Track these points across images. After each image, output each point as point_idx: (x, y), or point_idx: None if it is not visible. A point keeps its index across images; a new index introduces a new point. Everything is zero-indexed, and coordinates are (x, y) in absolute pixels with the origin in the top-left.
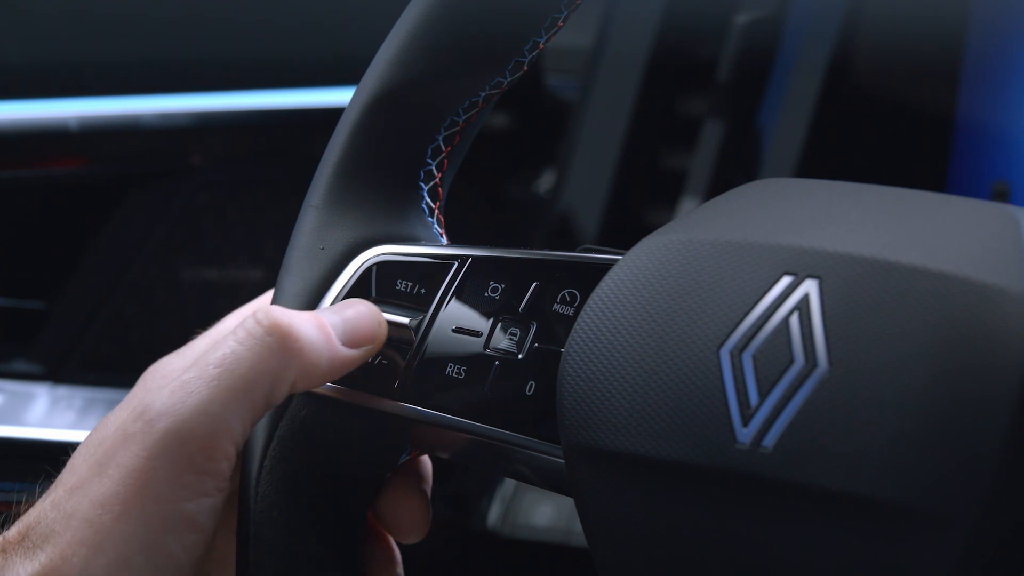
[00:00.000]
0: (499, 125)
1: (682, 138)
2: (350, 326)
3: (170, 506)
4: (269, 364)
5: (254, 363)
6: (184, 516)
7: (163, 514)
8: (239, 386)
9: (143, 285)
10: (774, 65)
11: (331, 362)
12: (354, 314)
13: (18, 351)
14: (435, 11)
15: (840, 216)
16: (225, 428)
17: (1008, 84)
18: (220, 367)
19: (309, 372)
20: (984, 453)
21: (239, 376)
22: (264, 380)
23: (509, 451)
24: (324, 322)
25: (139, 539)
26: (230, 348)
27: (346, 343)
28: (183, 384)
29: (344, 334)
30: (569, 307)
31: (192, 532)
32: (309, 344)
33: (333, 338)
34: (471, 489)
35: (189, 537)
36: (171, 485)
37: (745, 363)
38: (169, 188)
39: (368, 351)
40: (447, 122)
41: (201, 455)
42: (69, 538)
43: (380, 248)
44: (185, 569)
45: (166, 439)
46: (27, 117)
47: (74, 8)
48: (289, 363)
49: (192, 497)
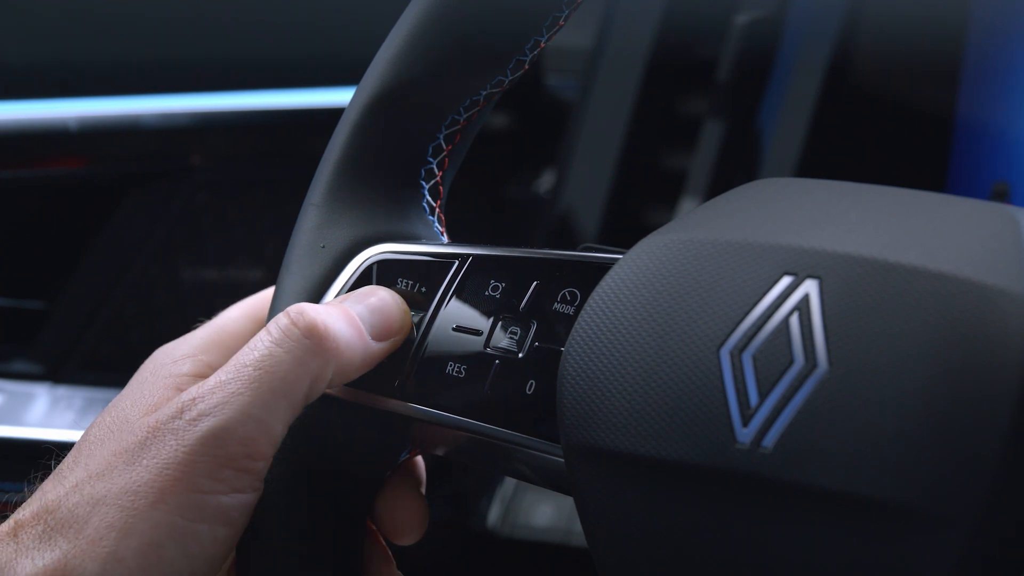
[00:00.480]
0: (499, 125)
1: (682, 138)
2: (377, 318)
3: (206, 497)
4: (308, 366)
5: (293, 365)
6: (219, 509)
7: (198, 505)
8: (279, 388)
9: (143, 285)
10: (774, 65)
11: (364, 358)
12: (380, 304)
13: (18, 351)
14: (435, 11)
15: (840, 216)
16: (266, 429)
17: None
18: (260, 369)
19: (345, 370)
20: (984, 453)
21: (279, 379)
22: (304, 381)
23: (509, 450)
24: (355, 317)
25: (172, 527)
26: (267, 350)
27: (376, 337)
28: (222, 385)
29: (373, 327)
30: (569, 306)
31: (224, 526)
32: (345, 343)
33: (365, 334)
34: (471, 489)
35: (221, 530)
36: (209, 479)
37: (745, 363)
38: (169, 188)
39: (397, 342)
40: (448, 121)
41: (242, 454)
42: (97, 523)
43: (381, 246)
44: (214, 562)
45: (207, 438)
46: (27, 117)
47: (74, 8)
48: (327, 363)
49: (228, 491)
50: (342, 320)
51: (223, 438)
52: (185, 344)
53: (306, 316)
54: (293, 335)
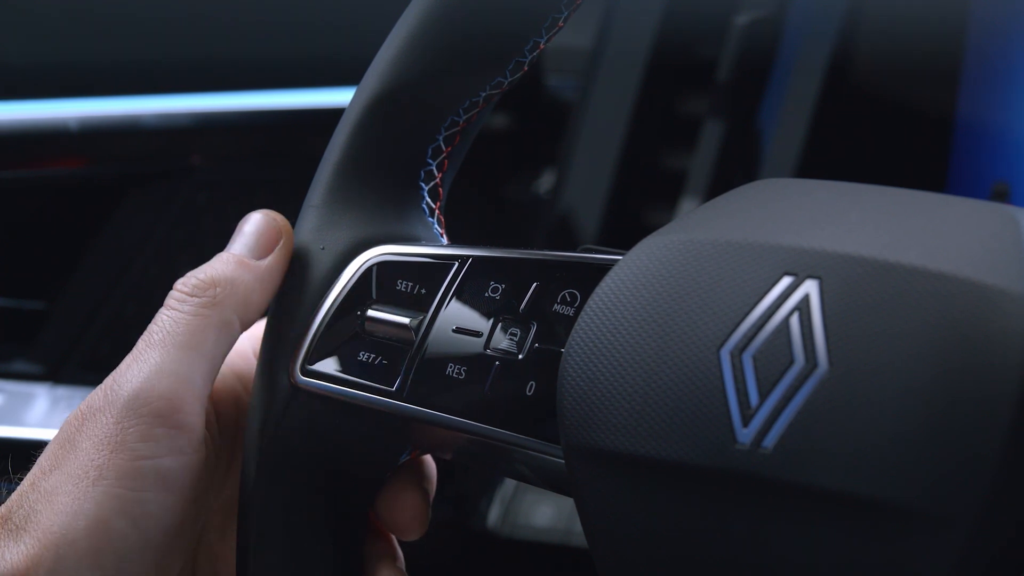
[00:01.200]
0: (499, 125)
1: (682, 138)
2: (253, 239)
3: (146, 463)
4: (208, 317)
5: (191, 319)
6: (159, 474)
7: (139, 472)
8: (187, 343)
9: (143, 285)
10: (774, 65)
11: (258, 282)
12: (251, 227)
13: (18, 351)
14: (435, 11)
15: (840, 216)
16: (184, 382)
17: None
18: (164, 332)
19: (246, 305)
20: (984, 453)
21: (186, 334)
22: (207, 331)
23: (509, 451)
24: (232, 254)
25: (117, 500)
26: (167, 315)
27: (260, 256)
28: (135, 355)
29: (253, 249)
30: (569, 307)
31: (170, 493)
32: (231, 281)
33: (248, 260)
34: (471, 489)
35: (167, 498)
36: (144, 442)
37: (745, 363)
38: (169, 188)
39: (285, 250)
40: (447, 122)
41: (167, 408)
42: (49, 512)
43: (380, 248)
44: (167, 529)
45: (130, 403)
46: (27, 117)
47: (74, 8)
48: (224, 307)
49: (166, 453)
50: (221, 263)
51: (145, 397)
52: None
53: (190, 278)
54: (182, 296)
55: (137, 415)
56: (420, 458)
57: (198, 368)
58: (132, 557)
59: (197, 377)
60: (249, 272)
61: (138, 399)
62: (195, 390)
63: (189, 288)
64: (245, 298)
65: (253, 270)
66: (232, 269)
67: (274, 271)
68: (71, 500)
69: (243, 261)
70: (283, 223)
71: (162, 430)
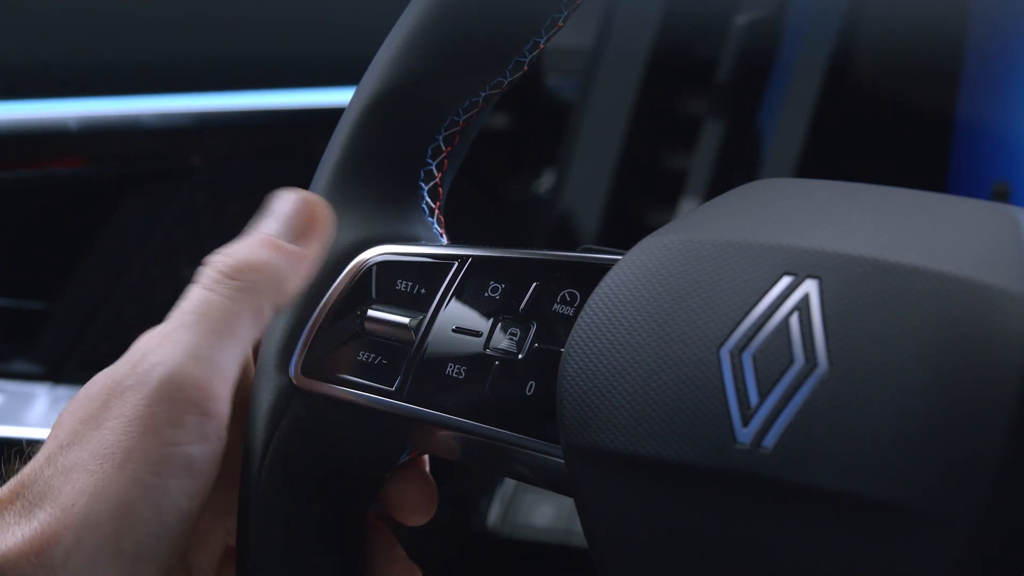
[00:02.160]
0: (499, 125)
1: (682, 138)
2: (291, 223)
3: (172, 450)
4: (243, 302)
5: (226, 302)
6: (185, 461)
7: (165, 458)
8: (221, 327)
9: (143, 285)
10: (774, 65)
11: (295, 270)
12: (288, 209)
13: (18, 351)
14: (435, 11)
15: (840, 216)
16: (217, 368)
17: (1008, 84)
18: (197, 313)
19: (279, 291)
20: (984, 453)
21: (220, 318)
22: (242, 316)
23: (509, 451)
24: (269, 237)
25: (141, 485)
26: (200, 295)
27: (297, 241)
28: (167, 335)
29: (290, 234)
30: (569, 307)
31: (192, 478)
32: (268, 267)
33: (285, 245)
34: (471, 489)
35: (189, 483)
36: (173, 428)
37: (745, 363)
38: (169, 188)
39: (324, 237)
40: (447, 122)
41: (199, 395)
42: (69, 490)
43: (380, 248)
44: (186, 517)
45: (163, 386)
46: (27, 117)
47: (74, 8)
48: (258, 293)
49: (194, 440)
50: (258, 246)
51: (179, 382)
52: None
53: (223, 255)
54: (219, 279)
55: (169, 400)
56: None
57: (230, 354)
58: (150, 542)
59: (229, 364)
60: (285, 257)
61: (171, 383)
62: (226, 377)
63: (226, 268)
64: (279, 285)
65: (289, 255)
66: (268, 253)
67: (311, 259)
68: (94, 481)
69: (279, 245)
70: (322, 208)
71: (192, 417)
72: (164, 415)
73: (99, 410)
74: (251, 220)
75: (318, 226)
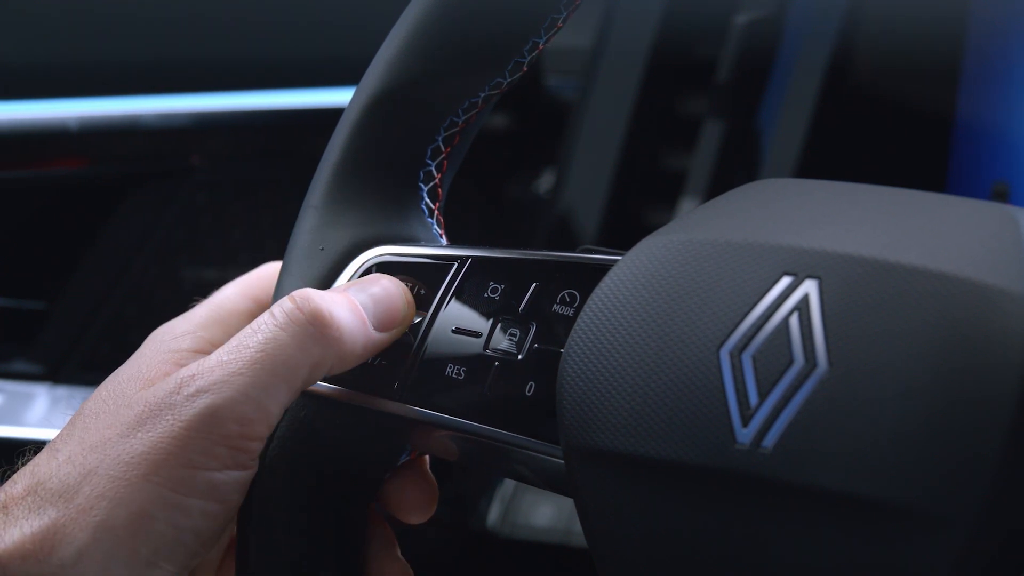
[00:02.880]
0: (499, 125)
1: (682, 138)
2: (381, 308)
3: (199, 473)
4: (310, 352)
5: (295, 350)
6: (210, 484)
7: (190, 480)
8: (280, 371)
9: (143, 285)
10: (774, 65)
11: (365, 348)
12: (383, 293)
13: (18, 351)
14: (435, 11)
15: (840, 216)
16: (264, 411)
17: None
18: (262, 351)
19: (345, 358)
20: (984, 453)
21: (281, 363)
22: (304, 367)
23: (509, 451)
24: (358, 306)
25: (163, 499)
26: (271, 332)
27: (378, 327)
28: (223, 364)
29: (375, 316)
30: (569, 307)
31: (215, 501)
32: (348, 331)
33: (368, 323)
34: (471, 489)
35: (212, 506)
36: (203, 456)
37: (745, 363)
38: (169, 188)
39: (399, 332)
40: (447, 123)
41: (238, 434)
42: (88, 492)
43: (380, 248)
44: (204, 536)
45: (204, 415)
46: (27, 117)
47: (74, 8)
48: (328, 350)
49: (221, 468)
50: (345, 308)
51: (220, 416)
52: (185, 321)
53: (311, 302)
54: (297, 320)
55: (207, 431)
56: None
57: (279, 399)
58: (165, 553)
59: (275, 408)
60: (362, 336)
61: (214, 417)
62: (269, 419)
63: (308, 314)
64: (346, 355)
65: (367, 336)
66: (351, 322)
67: (379, 348)
68: (116, 487)
69: (363, 319)
70: (411, 307)
71: (225, 449)
72: (198, 443)
73: (133, 420)
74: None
75: (401, 321)
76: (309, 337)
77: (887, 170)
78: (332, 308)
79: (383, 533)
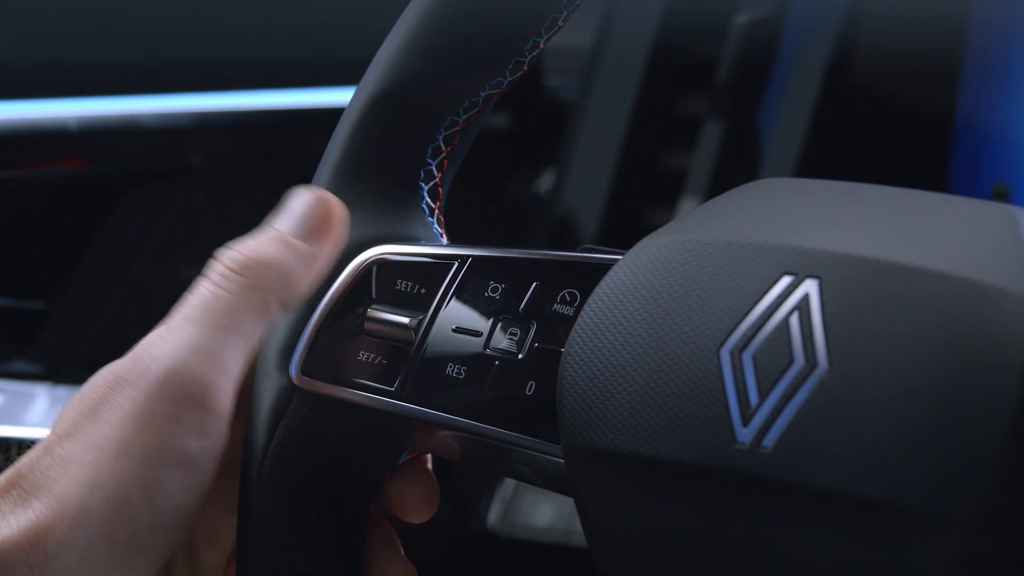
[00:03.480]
0: (499, 125)
1: (682, 138)
2: (304, 222)
3: (170, 443)
4: (249, 298)
5: (233, 300)
6: (182, 454)
7: (162, 451)
8: (226, 323)
9: (143, 285)
10: (774, 65)
11: (306, 268)
12: (302, 207)
13: (18, 351)
14: (435, 11)
15: (840, 216)
16: (219, 364)
17: (1008, 84)
18: (202, 310)
19: (290, 286)
20: (984, 453)
21: (223, 314)
22: (248, 312)
23: (509, 451)
24: (281, 235)
25: (137, 477)
26: (208, 291)
27: (311, 240)
28: (171, 329)
29: (303, 231)
30: (569, 307)
31: (189, 472)
32: (277, 262)
33: (297, 244)
34: (471, 489)
35: (186, 477)
36: (171, 423)
37: (745, 363)
38: (169, 188)
39: (337, 237)
40: (447, 122)
41: (199, 391)
42: (65, 481)
43: (380, 248)
44: (182, 510)
45: (163, 380)
46: (27, 117)
47: (74, 8)
48: (266, 290)
49: (192, 435)
50: (268, 242)
51: (178, 377)
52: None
53: (236, 254)
54: (227, 273)
55: (168, 395)
56: None
57: (233, 350)
58: (144, 534)
59: (232, 360)
60: (296, 256)
61: (171, 378)
62: (228, 374)
63: (235, 265)
64: (288, 283)
65: (300, 254)
66: (279, 250)
67: (322, 259)
68: (90, 472)
69: (290, 242)
70: (336, 206)
71: (191, 412)
72: (162, 409)
73: (98, 403)
74: (253, 219)
75: (331, 225)
76: (243, 286)
77: (887, 170)
78: (256, 250)
79: (384, 533)
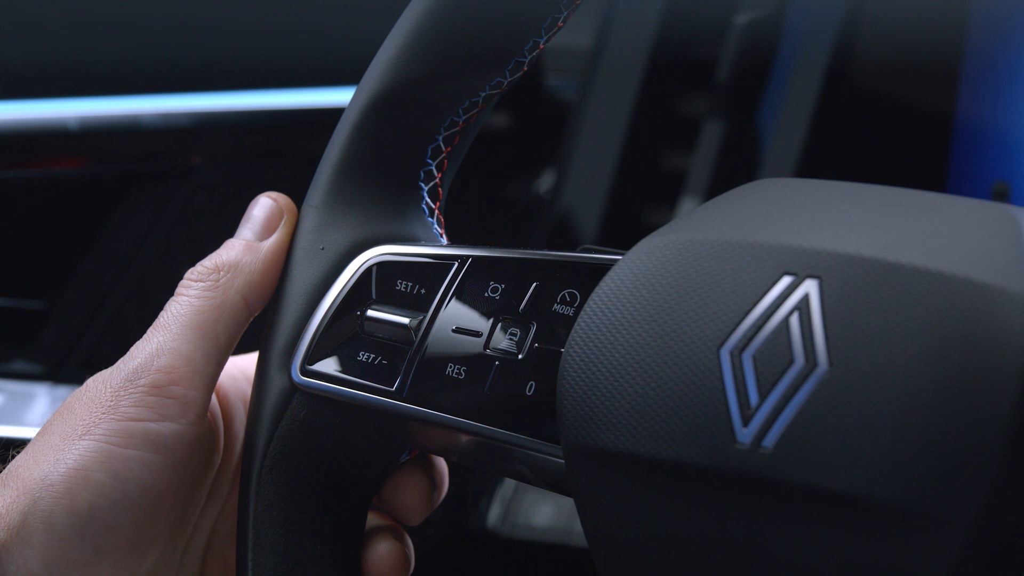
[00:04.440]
0: (499, 125)
1: (682, 138)
2: (260, 222)
3: (134, 424)
4: (212, 299)
5: (197, 302)
6: (147, 434)
7: (126, 431)
8: (189, 323)
9: (143, 285)
10: (774, 65)
11: (264, 263)
12: (258, 211)
13: (18, 351)
14: (435, 11)
15: (840, 216)
16: (183, 358)
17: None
18: (168, 315)
19: (251, 285)
20: (984, 453)
21: (188, 316)
22: (212, 312)
23: (509, 451)
24: (237, 239)
25: (100, 452)
26: (175, 301)
27: (262, 236)
28: (144, 339)
29: (259, 232)
30: (569, 307)
31: (155, 452)
32: (236, 264)
33: (253, 243)
34: (471, 489)
35: (153, 457)
36: (136, 406)
37: (745, 363)
38: (169, 188)
39: (287, 228)
40: (447, 122)
41: (163, 380)
42: (32, 464)
43: (380, 248)
44: (147, 487)
45: (130, 375)
46: (27, 117)
47: (74, 8)
48: (227, 290)
49: (156, 418)
50: (227, 249)
51: (143, 369)
52: None
53: (199, 266)
54: (189, 284)
55: (134, 385)
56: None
57: (199, 346)
58: (107, 507)
59: (198, 354)
60: (253, 254)
61: (137, 372)
62: (194, 366)
63: (195, 275)
64: (250, 279)
65: (256, 251)
66: (237, 252)
67: (276, 250)
68: (55, 452)
69: (248, 244)
70: (285, 202)
71: (155, 398)
72: (127, 397)
73: (72, 401)
74: None
75: (278, 218)
76: (203, 288)
77: (887, 170)
78: (212, 257)
79: (385, 533)
